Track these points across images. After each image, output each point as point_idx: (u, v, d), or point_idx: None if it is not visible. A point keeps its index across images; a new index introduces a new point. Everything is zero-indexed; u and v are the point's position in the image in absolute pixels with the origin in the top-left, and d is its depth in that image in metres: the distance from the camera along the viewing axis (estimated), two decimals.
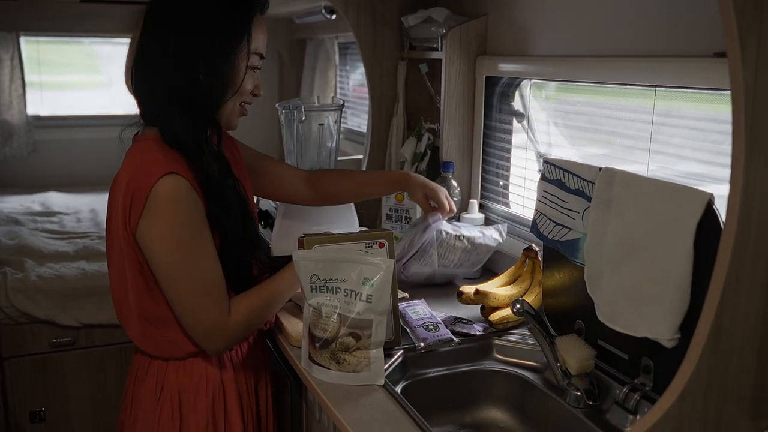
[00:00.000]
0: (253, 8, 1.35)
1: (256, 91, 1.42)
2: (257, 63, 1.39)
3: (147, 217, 1.27)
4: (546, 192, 1.45)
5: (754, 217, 0.84)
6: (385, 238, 1.45)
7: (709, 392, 0.89)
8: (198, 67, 1.29)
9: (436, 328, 1.49)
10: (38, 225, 3.08)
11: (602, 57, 1.57)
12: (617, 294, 1.21)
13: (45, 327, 2.51)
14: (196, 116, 1.32)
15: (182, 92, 1.30)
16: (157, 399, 1.41)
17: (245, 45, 1.34)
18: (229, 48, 1.32)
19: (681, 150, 1.46)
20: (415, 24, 2.14)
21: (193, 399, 1.41)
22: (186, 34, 1.30)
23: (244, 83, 1.36)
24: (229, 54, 1.32)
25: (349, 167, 2.50)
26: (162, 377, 1.41)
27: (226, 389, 1.44)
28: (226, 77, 1.33)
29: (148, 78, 1.34)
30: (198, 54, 1.29)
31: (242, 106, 1.41)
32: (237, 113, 1.41)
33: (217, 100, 1.34)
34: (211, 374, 1.42)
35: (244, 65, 1.35)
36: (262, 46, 1.39)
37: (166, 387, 1.41)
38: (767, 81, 0.80)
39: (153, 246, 1.29)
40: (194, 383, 1.41)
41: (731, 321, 0.87)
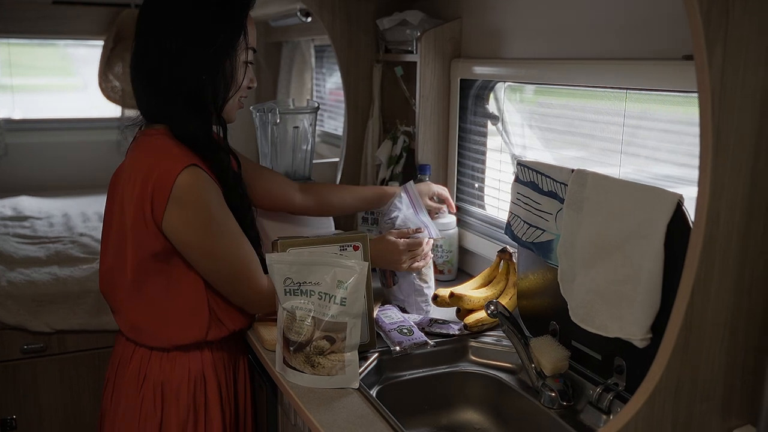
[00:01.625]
0: (247, 5, 1.41)
1: (251, 83, 1.49)
2: (252, 57, 1.46)
3: (173, 208, 1.32)
4: (520, 194, 1.46)
5: (722, 218, 0.85)
6: (359, 241, 1.45)
7: (680, 391, 0.90)
8: (200, 67, 1.36)
9: (410, 332, 1.49)
10: (9, 230, 3.02)
11: (574, 60, 1.58)
12: (590, 295, 1.22)
13: (16, 333, 2.46)
14: (202, 114, 1.39)
15: (187, 92, 1.37)
16: (139, 387, 1.43)
17: (243, 42, 1.41)
18: (229, 48, 1.38)
19: (656, 152, 1.48)
20: (390, 27, 2.14)
21: (175, 389, 1.44)
22: (184, 35, 1.35)
23: (240, 78, 1.43)
24: (230, 52, 1.39)
25: (325, 170, 2.50)
26: (145, 366, 1.44)
27: (207, 380, 1.47)
28: (227, 75, 1.40)
29: (151, 80, 1.39)
30: (199, 55, 1.35)
31: (240, 99, 1.49)
32: (236, 107, 1.49)
33: (222, 97, 1.41)
34: (194, 366, 1.45)
35: (242, 61, 1.42)
36: (254, 40, 1.45)
37: (149, 376, 1.43)
38: (733, 84, 0.82)
39: (185, 235, 1.35)
40: (177, 374, 1.44)
41: (701, 321, 0.88)
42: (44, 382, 2.52)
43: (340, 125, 3.09)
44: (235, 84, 1.42)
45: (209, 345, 1.48)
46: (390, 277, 1.74)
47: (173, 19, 1.35)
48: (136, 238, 1.36)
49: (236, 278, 1.41)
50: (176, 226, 1.34)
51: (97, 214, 3.21)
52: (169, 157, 1.34)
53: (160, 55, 1.36)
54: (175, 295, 1.42)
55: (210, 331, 1.45)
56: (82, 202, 3.47)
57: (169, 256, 1.39)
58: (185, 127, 1.38)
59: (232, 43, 1.39)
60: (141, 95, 1.42)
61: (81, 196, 3.56)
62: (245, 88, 1.47)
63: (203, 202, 1.34)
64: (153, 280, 1.40)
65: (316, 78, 3.51)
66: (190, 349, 1.46)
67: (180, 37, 1.35)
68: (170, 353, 1.45)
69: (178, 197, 1.31)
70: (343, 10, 2.24)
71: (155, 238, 1.35)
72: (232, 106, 1.47)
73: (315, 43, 3.37)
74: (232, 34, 1.39)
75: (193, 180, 1.32)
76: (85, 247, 2.80)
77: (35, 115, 3.89)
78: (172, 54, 1.35)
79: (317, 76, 3.51)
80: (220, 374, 1.50)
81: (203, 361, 1.47)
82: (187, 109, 1.38)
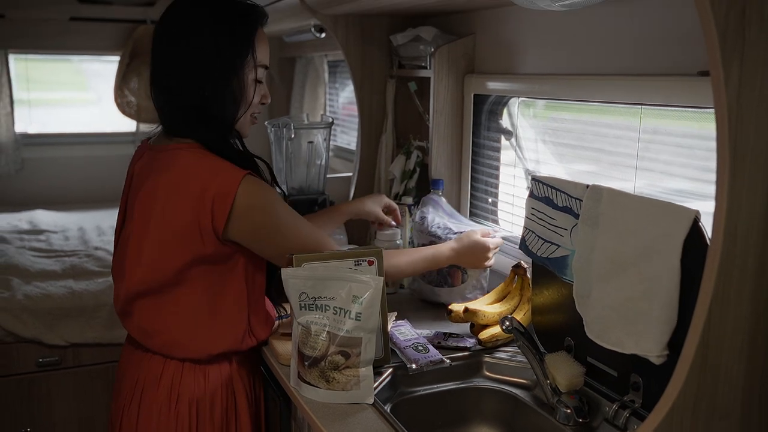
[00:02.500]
0: (254, 24, 1.43)
1: (264, 99, 1.51)
2: (262, 75, 1.47)
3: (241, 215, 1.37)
4: (534, 209, 1.46)
5: (739, 234, 0.85)
6: (374, 256, 1.45)
7: (698, 409, 0.89)
8: (209, 85, 1.39)
9: (425, 349, 1.49)
10: (25, 243, 3.05)
11: (588, 75, 1.59)
12: (605, 311, 1.21)
13: (31, 346, 2.48)
14: (218, 129, 1.43)
15: (201, 109, 1.40)
16: (173, 405, 1.43)
17: (251, 60, 1.42)
18: (236, 66, 1.40)
19: (669, 167, 1.47)
20: (403, 42, 2.16)
21: (209, 404, 1.46)
22: (194, 54, 1.38)
23: (251, 95, 1.45)
24: (237, 72, 1.41)
25: (339, 185, 2.51)
26: (178, 382, 1.44)
27: (236, 392, 1.50)
28: (236, 93, 1.42)
29: (169, 97, 1.43)
30: (207, 73, 1.39)
31: (253, 115, 1.51)
32: (249, 123, 1.51)
33: (232, 114, 1.44)
34: (225, 377, 1.48)
35: (251, 79, 1.44)
36: (265, 58, 1.47)
37: (183, 393, 1.44)
38: (750, 100, 0.82)
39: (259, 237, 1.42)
40: (210, 387, 1.46)
41: (719, 337, 0.87)
42: (59, 396, 2.53)
43: (353, 140, 3.11)
44: (245, 102, 1.44)
45: (237, 355, 1.51)
46: (458, 276, 1.81)
47: (184, 37, 1.39)
48: (185, 249, 1.38)
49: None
50: (248, 229, 1.39)
51: (112, 227, 3.22)
52: (223, 169, 1.38)
53: (174, 73, 1.40)
54: (218, 303, 1.43)
55: (244, 340, 1.48)
56: (98, 215, 3.50)
57: (218, 263, 1.41)
58: (214, 141, 1.42)
59: (239, 61, 1.40)
60: (163, 111, 1.46)
61: (96, 210, 3.60)
62: (257, 104, 1.49)
63: (271, 202, 1.42)
64: (197, 289, 1.41)
65: (329, 93, 3.53)
66: (221, 360, 1.48)
67: (190, 55, 1.39)
68: (203, 366, 1.46)
69: (247, 205, 1.37)
70: (357, 26, 2.26)
71: (210, 246, 1.38)
72: (244, 122, 1.49)
73: (328, 59, 3.40)
74: (239, 53, 1.40)
75: (255, 187, 1.39)
76: (101, 261, 2.83)
77: (51, 130, 3.94)
78: (183, 72, 1.39)
79: (330, 91, 3.53)
80: (247, 385, 1.53)
81: (232, 372, 1.49)
82: (205, 124, 1.41)
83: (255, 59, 1.43)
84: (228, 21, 1.40)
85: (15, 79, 3.76)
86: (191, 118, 1.41)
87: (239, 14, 1.41)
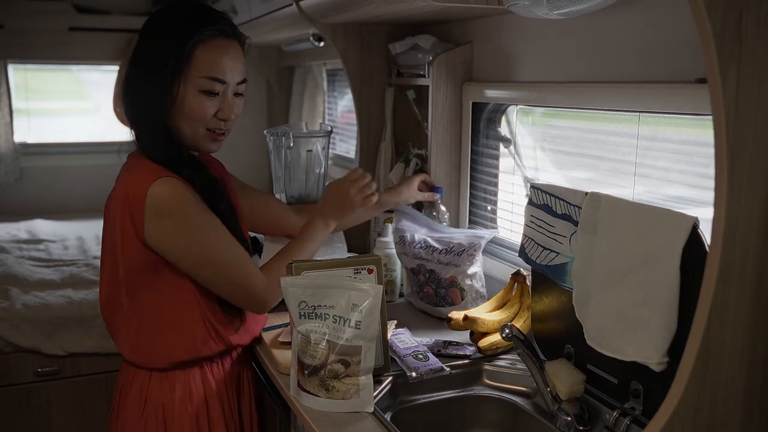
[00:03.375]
0: (192, 32, 1.37)
1: (221, 115, 1.43)
2: (214, 88, 1.40)
3: (152, 220, 1.34)
4: (533, 217, 1.46)
5: (738, 240, 0.85)
6: (373, 264, 1.45)
7: (699, 416, 0.89)
8: (149, 95, 1.38)
9: (425, 358, 1.48)
10: (24, 253, 3.05)
11: (586, 83, 1.59)
12: (605, 318, 1.21)
13: (30, 356, 2.48)
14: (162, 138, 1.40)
15: (145, 119, 1.41)
16: (141, 410, 1.44)
17: (185, 69, 1.37)
18: (164, 73, 1.37)
19: (667, 174, 1.48)
20: (402, 51, 2.16)
21: (177, 411, 1.44)
22: (140, 63, 1.40)
23: (190, 107, 1.39)
24: (165, 78, 1.37)
25: None
26: (146, 389, 1.45)
27: (209, 401, 1.47)
28: (164, 101, 1.38)
29: (126, 106, 1.44)
30: (146, 82, 1.38)
31: (211, 131, 1.44)
32: (205, 138, 1.45)
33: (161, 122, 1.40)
34: (194, 386, 1.46)
35: (188, 90, 1.38)
36: (218, 70, 1.40)
37: (150, 399, 1.44)
38: (748, 105, 0.82)
39: (171, 245, 1.36)
40: (178, 395, 1.44)
41: (719, 344, 0.87)
42: (58, 405, 2.53)
43: (352, 148, 3.11)
44: (178, 111, 1.39)
45: (209, 363, 1.49)
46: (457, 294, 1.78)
47: (140, 47, 1.42)
48: (125, 257, 1.39)
49: (231, 281, 1.43)
50: (160, 238, 1.36)
51: None
52: (140, 174, 1.37)
53: (127, 83, 1.43)
54: (167, 309, 1.43)
55: (207, 346, 1.46)
56: (96, 225, 3.47)
57: (156, 268, 1.40)
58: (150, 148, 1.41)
59: (168, 70, 1.37)
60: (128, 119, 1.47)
61: (95, 219, 3.59)
62: (212, 119, 1.42)
63: (182, 209, 1.36)
64: (144, 297, 1.42)
65: (328, 101, 3.53)
66: (189, 366, 1.46)
67: (138, 65, 1.40)
68: (169, 373, 1.45)
69: (156, 209, 1.34)
70: (356, 35, 2.27)
71: (140, 253, 1.38)
72: (191, 136, 1.43)
73: (327, 67, 3.40)
74: (169, 61, 1.37)
75: (167, 190, 1.34)
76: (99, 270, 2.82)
77: (50, 139, 3.94)
78: (131, 81, 1.41)
79: (329, 99, 3.53)
80: (222, 394, 1.50)
81: (204, 380, 1.48)
82: (146, 133, 1.42)
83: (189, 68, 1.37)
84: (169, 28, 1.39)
85: (14, 88, 3.77)
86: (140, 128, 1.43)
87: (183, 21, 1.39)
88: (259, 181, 3.93)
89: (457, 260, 1.77)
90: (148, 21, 1.44)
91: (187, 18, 1.39)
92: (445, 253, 1.78)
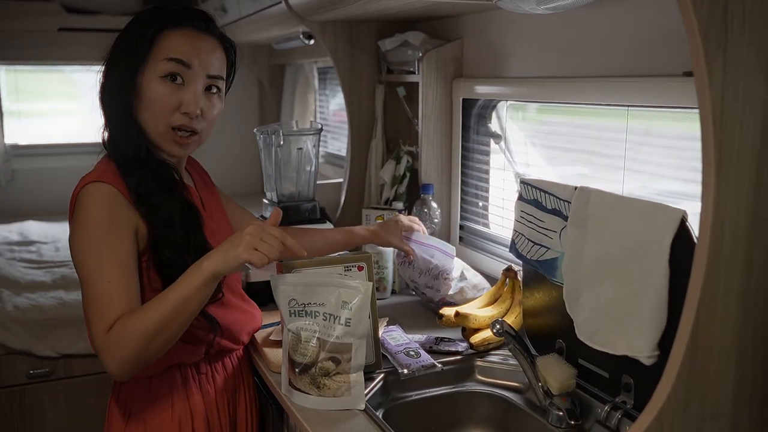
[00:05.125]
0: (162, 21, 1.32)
1: (183, 108, 1.31)
2: (176, 70, 1.30)
3: (72, 222, 1.29)
4: (523, 212, 1.45)
5: (726, 233, 0.85)
6: (364, 261, 1.45)
7: (688, 409, 0.89)
8: (112, 87, 1.32)
9: (417, 354, 1.48)
10: (15, 254, 3.04)
11: (574, 78, 1.59)
12: (596, 312, 1.21)
13: (21, 358, 2.46)
14: (120, 134, 1.33)
15: (107, 110, 1.34)
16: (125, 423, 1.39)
17: (146, 54, 1.31)
18: (127, 60, 1.31)
19: (659, 168, 1.48)
20: (391, 48, 2.16)
21: (158, 425, 1.38)
22: (108, 57, 1.34)
23: (153, 96, 1.30)
24: (128, 66, 1.30)
25: (329, 191, 2.51)
26: (131, 401, 1.39)
27: (193, 408, 1.41)
28: (125, 90, 1.31)
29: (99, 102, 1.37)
30: (110, 74, 1.33)
31: (175, 131, 1.33)
32: (167, 138, 1.34)
33: (125, 115, 1.32)
34: (177, 399, 1.39)
35: (150, 77, 1.30)
36: (177, 52, 1.31)
37: (134, 413, 1.38)
38: (734, 98, 0.82)
39: (71, 247, 1.28)
40: (158, 406, 1.38)
41: (708, 337, 0.87)
42: (50, 407, 2.52)
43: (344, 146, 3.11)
44: (141, 104, 1.31)
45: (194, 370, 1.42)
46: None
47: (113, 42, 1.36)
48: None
49: (85, 309, 1.25)
50: (70, 239, 1.28)
51: None
52: (89, 175, 1.31)
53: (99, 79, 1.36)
54: None
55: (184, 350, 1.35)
56: None
57: None
58: (110, 143, 1.34)
59: (130, 55, 1.30)
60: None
61: None
62: (168, 111, 1.31)
63: (89, 218, 1.25)
64: None
65: (320, 99, 3.53)
66: (172, 374, 1.39)
67: (107, 60, 1.34)
68: (153, 380, 1.38)
69: (76, 210, 1.28)
70: (345, 32, 2.26)
71: None
72: (158, 135, 1.33)
73: (318, 65, 3.40)
74: (133, 47, 1.30)
75: (91, 193, 1.26)
76: None
77: (41, 141, 3.93)
78: (102, 74, 1.35)
79: (320, 98, 3.53)
80: (211, 410, 1.43)
81: (188, 394, 1.40)
82: (111, 127, 1.34)
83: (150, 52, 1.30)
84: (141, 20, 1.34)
85: (5, 90, 3.75)
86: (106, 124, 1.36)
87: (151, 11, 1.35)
88: (250, 180, 3.93)
89: (438, 284, 1.75)
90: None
91: (161, 10, 1.35)
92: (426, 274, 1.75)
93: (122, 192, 1.27)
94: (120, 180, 1.29)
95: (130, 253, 1.25)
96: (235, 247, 1.18)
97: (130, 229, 1.27)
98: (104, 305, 1.20)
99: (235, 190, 4.04)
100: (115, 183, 1.27)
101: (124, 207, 1.27)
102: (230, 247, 1.19)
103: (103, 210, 1.25)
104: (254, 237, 1.19)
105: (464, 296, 1.76)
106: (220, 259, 1.19)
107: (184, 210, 1.34)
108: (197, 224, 1.36)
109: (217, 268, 1.19)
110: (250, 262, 1.19)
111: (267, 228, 1.21)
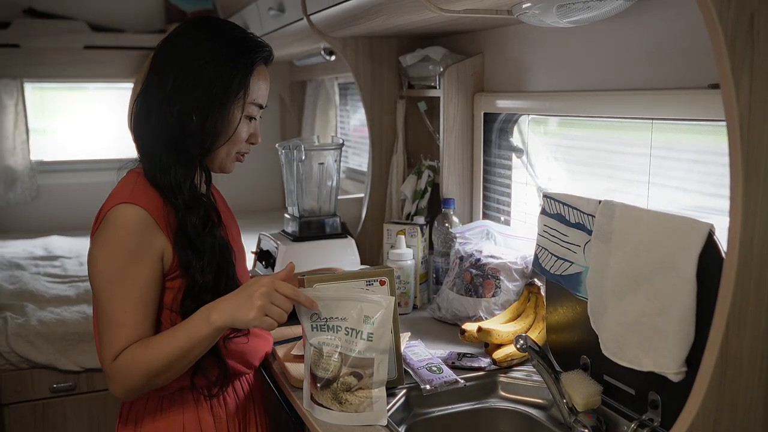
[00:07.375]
0: (252, 62, 1.34)
1: (253, 139, 1.41)
2: (255, 113, 1.39)
3: (95, 239, 1.27)
4: (546, 226, 1.44)
5: (755, 247, 0.84)
6: (386, 276, 1.44)
7: (717, 427, 0.87)
8: (191, 113, 1.30)
9: (439, 370, 1.47)
10: (40, 269, 3.07)
11: (598, 91, 1.58)
12: (621, 328, 1.20)
13: (45, 372, 2.49)
14: (182, 160, 1.31)
15: (171, 135, 1.31)
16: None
17: (242, 96, 1.33)
18: (224, 98, 1.31)
19: (684, 183, 1.46)
20: (412, 63, 2.17)
21: None
22: (183, 80, 1.30)
23: (238, 132, 1.35)
24: (224, 104, 1.31)
25: (350, 206, 2.52)
26: (141, 423, 1.38)
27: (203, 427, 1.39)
28: (218, 126, 1.32)
29: (141, 118, 1.35)
30: (192, 101, 1.30)
31: (239, 153, 1.41)
32: (232, 159, 1.41)
33: (208, 147, 1.34)
34: (188, 421, 1.38)
35: (238, 115, 1.35)
36: (261, 97, 1.38)
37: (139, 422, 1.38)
38: (761, 112, 0.81)
39: (90, 267, 1.27)
40: (169, 425, 1.37)
41: (737, 353, 0.85)
42: (73, 421, 2.53)
43: (365, 161, 3.12)
44: (225, 136, 1.34)
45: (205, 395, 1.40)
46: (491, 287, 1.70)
47: (179, 60, 1.32)
48: None
49: (96, 328, 1.27)
50: (89, 257, 1.27)
51: None
52: (117, 193, 1.29)
53: (157, 94, 1.32)
54: None
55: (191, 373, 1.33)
56: None
57: None
58: (154, 167, 1.31)
59: (229, 96, 1.32)
60: (136, 133, 1.38)
61: None
62: (243, 142, 1.39)
63: (116, 241, 1.24)
64: None
65: (341, 115, 3.55)
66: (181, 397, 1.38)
67: (179, 78, 1.30)
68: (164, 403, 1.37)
69: (103, 229, 1.25)
70: (366, 48, 2.28)
71: None
72: (225, 158, 1.38)
73: (339, 81, 3.42)
74: (228, 87, 1.31)
75: (123, 215, 1.24)
76: None
77: (66, 157, 3.98)
78: (167, 93, 1.31)
79: (341, 113, 3.55)
80: (220, 427, 1.41)
81: (199, 413, 1.39)
82: (168, 151, 1.31)
83: (246, 96, 1.34)
84: (225, 53, 1.32)
85: (30, 107, 3.81)
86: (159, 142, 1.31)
87: (239, 48, 1.34)
88: (272, 195, 3.95)
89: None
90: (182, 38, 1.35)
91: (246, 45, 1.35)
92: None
93: (153, 214, 1.27)
94: (151, 200, 1.28)
95: (151, 282, 1.27)
96: (246, 311, 1.22)
97: (156, 255, 1.27)
98: (115, 333, 1.23)
99: (257, 205, 4.09)
100: (146, 205, 1.26)
101: (153, 231, 1.27)
102: (241, 308, 1.22)
103: (131, 236, 1.24)
104: (265, 302, 1.22)
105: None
106: (229, 317, 1.23)
107: (222, 254, 1.35)
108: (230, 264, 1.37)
109: (225, 324, 1.23)
110: (261, 328, 1.24)
111: (279, 287, 1.24)
